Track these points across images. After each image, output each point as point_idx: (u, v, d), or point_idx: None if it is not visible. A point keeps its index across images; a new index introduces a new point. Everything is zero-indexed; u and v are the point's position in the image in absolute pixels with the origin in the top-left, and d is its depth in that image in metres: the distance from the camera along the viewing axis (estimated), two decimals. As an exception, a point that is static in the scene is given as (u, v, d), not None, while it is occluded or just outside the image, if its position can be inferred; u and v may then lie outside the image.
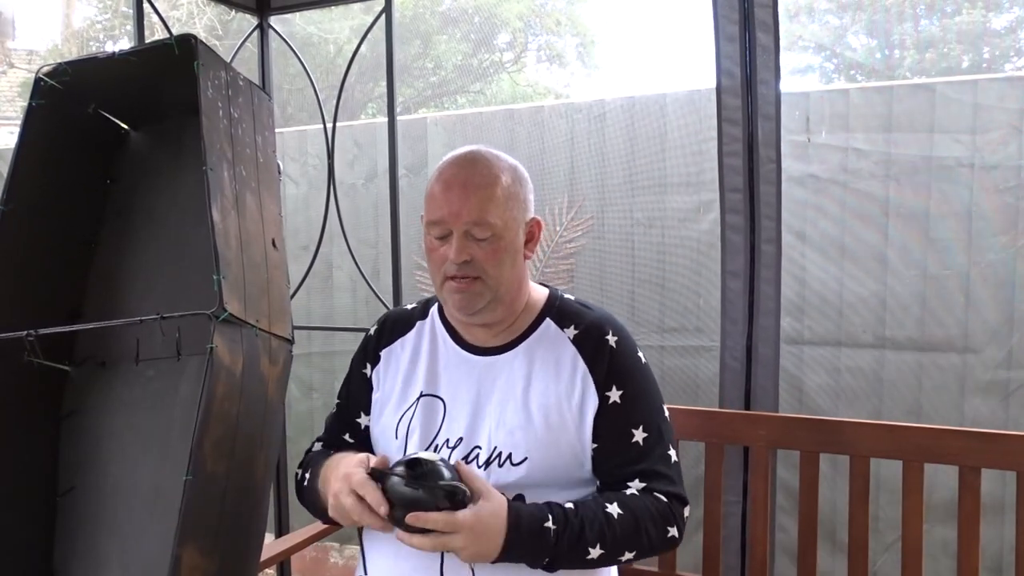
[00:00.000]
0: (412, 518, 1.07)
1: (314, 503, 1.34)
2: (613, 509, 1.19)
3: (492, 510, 1.11)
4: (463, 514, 1.08)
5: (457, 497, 1.09)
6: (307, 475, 1.36)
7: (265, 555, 1.63)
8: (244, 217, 1.39)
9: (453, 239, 1.23)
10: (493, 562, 1.12)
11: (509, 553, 1.11)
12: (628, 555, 1.20)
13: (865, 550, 1.63)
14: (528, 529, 1.12)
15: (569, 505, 1.18)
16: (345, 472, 1.17)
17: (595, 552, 1.16)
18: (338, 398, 1.47)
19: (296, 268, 2.32)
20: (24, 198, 1.44)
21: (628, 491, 1.24)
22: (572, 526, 1.15)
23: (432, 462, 1.10)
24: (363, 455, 1.21)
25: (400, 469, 1.11)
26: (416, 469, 1.10)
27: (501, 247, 1.24)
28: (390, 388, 1.37)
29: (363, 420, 1.41)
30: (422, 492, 1.08)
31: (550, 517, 1.14)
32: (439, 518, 1.07)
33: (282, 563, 2.41)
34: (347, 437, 1.43)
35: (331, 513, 1.21)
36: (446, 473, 1.10)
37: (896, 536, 1.66)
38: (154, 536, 1.43)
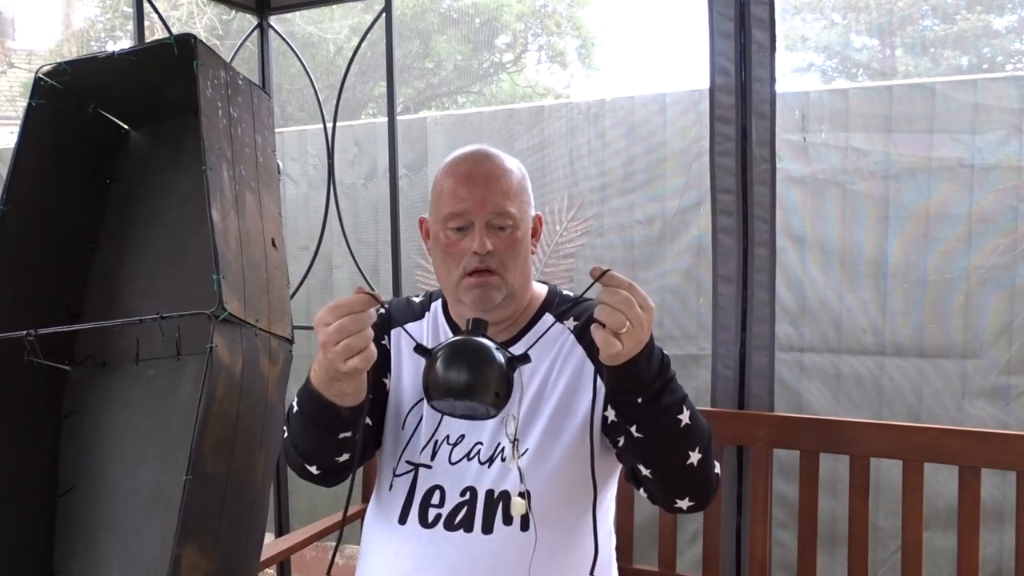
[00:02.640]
0: (597, 270, 1.01)
1: (306, 425, 1.21)
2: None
3: (650, 317, 1.05)
4: (643, 310, 1.02)
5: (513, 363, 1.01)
6: (294, 405, 1.23)
7: (265, 555, 1.63)
8: (244, 217, 1.39)
9: (475, 230, 1.24)
10: (631, 359, 1.05)
11: (637, 363, 1.06)
12: (696, 454, 1.16)
13: (865, 548, 1.63)
14: (656, 351, 1.11)
15: None
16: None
17: (685, 416, 1.14)
18: None
19: (296, 268, 2.32)
20: (24, 198, 1.45)
21: None
22: (673, 373, 1.15)
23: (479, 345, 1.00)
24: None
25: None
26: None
27: (518, 237, 1.26)
28: (398, 374, 1.36)
29: (388, 382, 1.35)
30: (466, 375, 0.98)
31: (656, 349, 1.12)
32: (625, 279, 1.02)
33: (282, 563, 2.41)
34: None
35: (328, 358, 1.07)
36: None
37: (896, 546, 1.66)
38: (154, 536, 1.43)
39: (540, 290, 1.39)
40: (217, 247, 1.27)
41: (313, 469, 1.27)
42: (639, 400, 1.11)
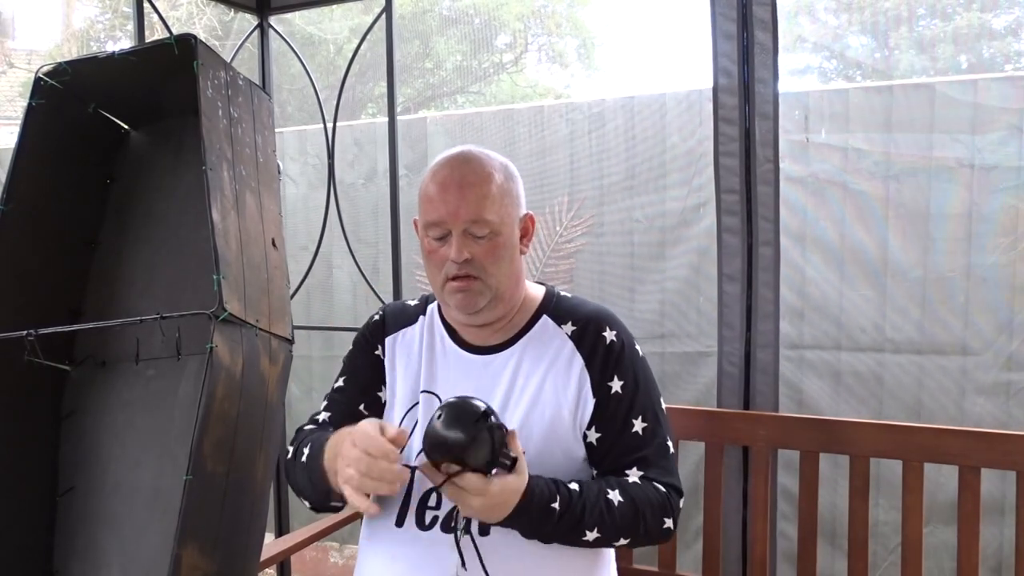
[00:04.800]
0: (446, 468, 1.05)
1: (309, 479, 1.26)
2: (614, 496, 1.20)
3: (516, 487, 1.10)
4: (494, 483, 1.07)
5: (496, 457, 1.06)
6: (304, 449, 1.28)
7: (265, 555, 1.63)
8: (244, 217, 1.39)
9: (452, 239, 1.24)
10: (492, 524, 1.14)
11: (512, 523, 1.13)
12: (623, 540, 1.22)
13: (865, 548, 1.63)
14: (537, 507, 1.13)
15: (574, 486, 1.18)
16: (358, 429, 1.12)
17: (591, 535, 1.18)
18: (343, 374, 1.42)
19: (296, 268, 2.32)
20: (24, 198, 1.45)
21: (629, 479, 1.25)
22: (574, 510, 1.16)
23: (477, 408, 1.07)
24: (377, 421, 1.15)
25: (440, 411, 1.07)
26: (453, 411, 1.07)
27: (499, 243, 1.25)
28: (393, 381, 1.36)
29: (383, 394, 1.37)
30: (461, 434, 1.04)
31: (558, 498, 1.15)
32: (471, 481, 1.06)
33: (282, 563, 2.41)
34: (363, 408, 1.36)
35: (340, 479, 1.13)
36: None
37: (898, 542, 1.67)
38: (154, 536, 1.43)
39: (536, 291, 1.39)
40: (217, 247, 1.27)
41: (307, 503, 1.33)
42: (540, 536, 1.17)
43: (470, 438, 1.05)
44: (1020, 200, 2.26)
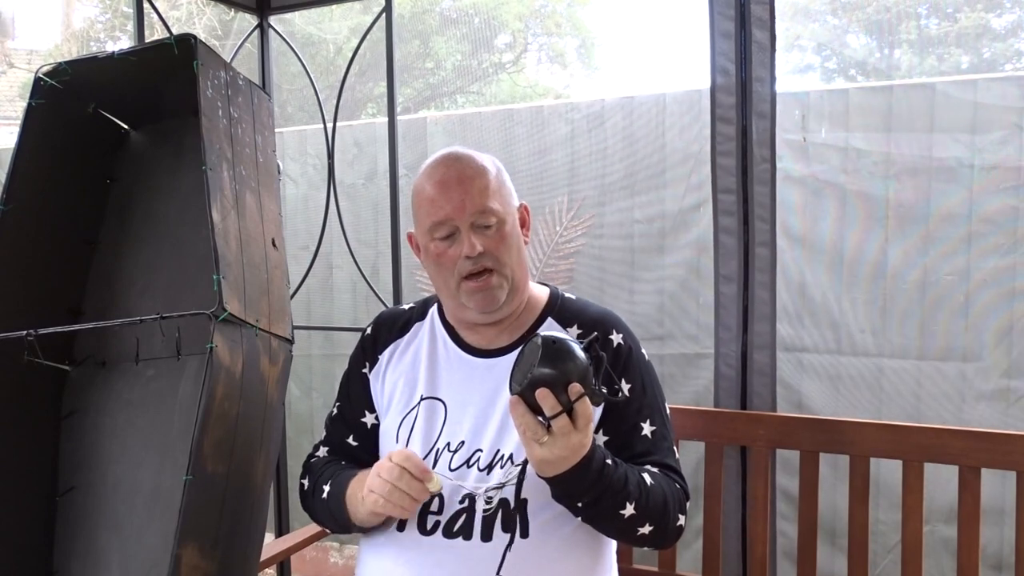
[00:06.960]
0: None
1: (329, 511, 1.33)
2: (646, 477, 1.20)
3: (584, 442, 1.07)
4: (575, 433, 1.03)
5: (587, 381, 1.02)
6: (324, 487, 1.33)
7: (265, 555, 1.63)
8: (244, 217, 1.39)
9: (461, 235, 1.24)
10: (547, 478, 1.10)
11: (566, 480, 1.09)
12: (648, 528, 1.18)
13: (865, 549, 1.63)
14: (598, 459, 1.11)
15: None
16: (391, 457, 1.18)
17: (629, 509, 1.15)
18: (338, 400, 1.46)
19: (296, 268, 2.32)
20: (24, 198, 1.44)
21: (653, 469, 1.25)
22: (621, 473, 1.15)
23: (572, 340, 1.05)
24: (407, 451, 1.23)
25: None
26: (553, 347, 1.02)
27: (507, 232, 1.26)
28: (391, 390, 1.37)
29: (368, 419, 1.40)
30: (583, 361, 1.01)
31: (609, 456, 1.14)
32: (588, 407, 1.03)
33: (282, 563, 2.41)
34: (351, 440, 1.41)
35: (371, 506, 1.19)
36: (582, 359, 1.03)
37: (899, 539, 1.67)
38: (154, 536, 1.43)
39: (541, 292, 1.38)
40: (217, 247, 1.27)
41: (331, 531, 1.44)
42: (577, 504, 1.15)
43: (587, 364, 1.02)
44: (1020, 200, 2.26)
